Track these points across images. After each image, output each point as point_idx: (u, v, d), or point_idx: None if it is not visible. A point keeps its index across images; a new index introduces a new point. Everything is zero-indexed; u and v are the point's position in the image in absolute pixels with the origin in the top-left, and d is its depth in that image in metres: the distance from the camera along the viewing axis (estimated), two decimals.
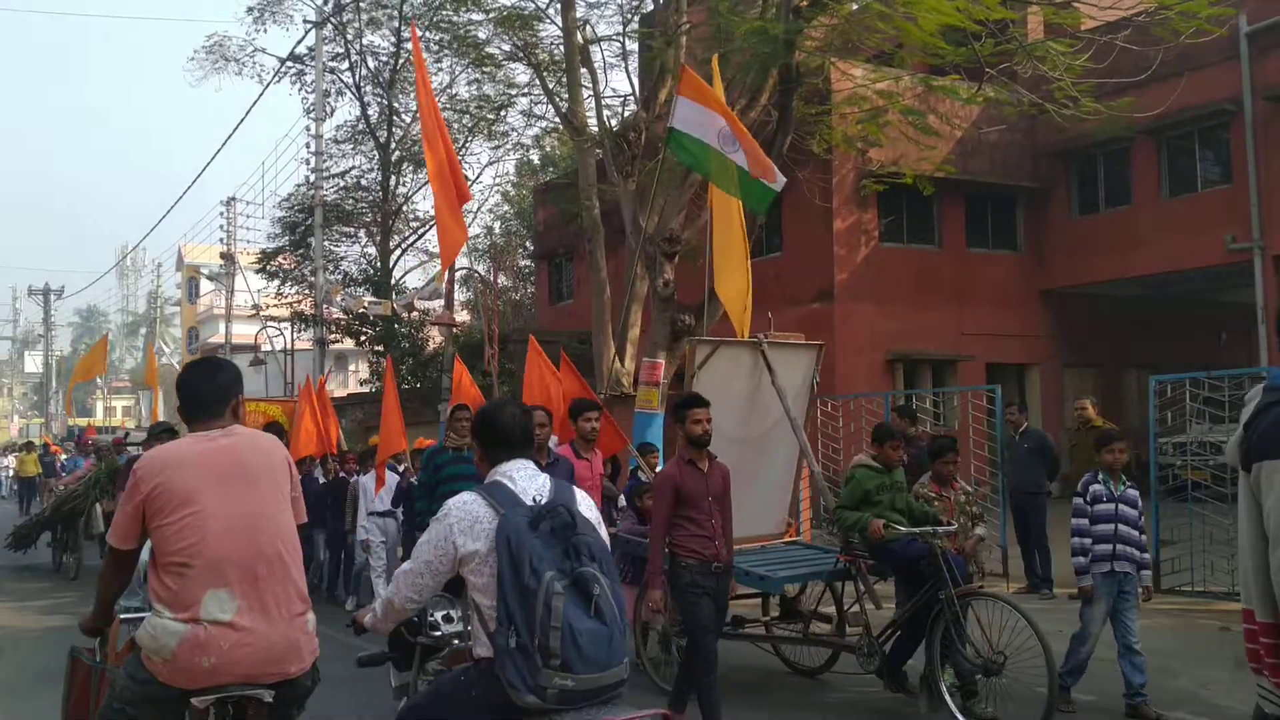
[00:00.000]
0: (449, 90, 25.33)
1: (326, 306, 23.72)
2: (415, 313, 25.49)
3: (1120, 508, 6.37)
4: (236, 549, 3.32)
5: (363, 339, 27.29)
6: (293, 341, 30.75)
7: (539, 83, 17.71)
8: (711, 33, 13.60)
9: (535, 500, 3.24)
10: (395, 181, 28.99)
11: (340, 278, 28.17)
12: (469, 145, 26.28)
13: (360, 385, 34.48)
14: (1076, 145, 19.00)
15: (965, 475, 8.53)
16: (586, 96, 15.91)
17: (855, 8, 13.52)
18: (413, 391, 22.01)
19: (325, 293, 23.73)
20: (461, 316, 26.69)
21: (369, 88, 27.99)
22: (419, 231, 30.75)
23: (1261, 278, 16.94)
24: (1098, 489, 6.43)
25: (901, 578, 6.69)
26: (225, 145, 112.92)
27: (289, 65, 26.66)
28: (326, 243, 26.60)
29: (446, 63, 23.61)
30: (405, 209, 30.03)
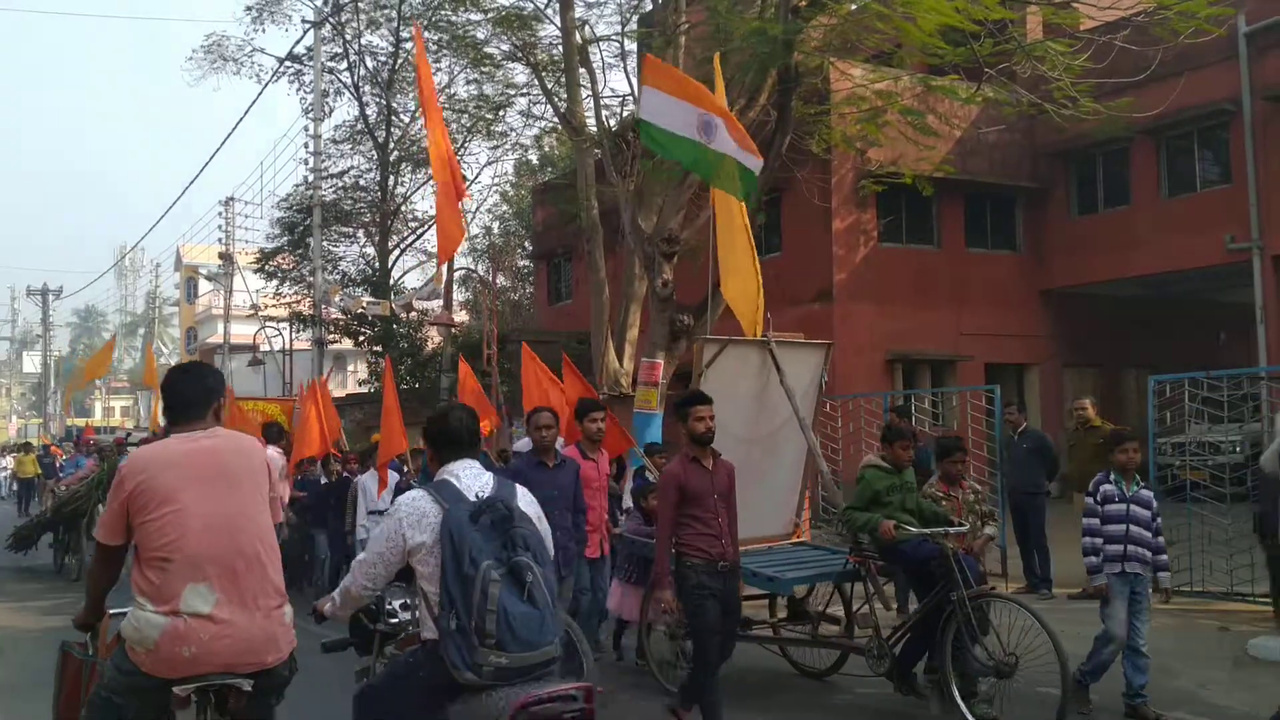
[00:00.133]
0: (448, 90, 25.35)
1: (325, 307, 23.70)
2: (414, 313, 25.47)
3: (1132, 508, 6.30)
4: (216, 546, 3.48)
5: (361, 339, 27.28)
6: (291, 342, 30.74)
7: (538, 83, 17.71)
8: (710, 33, 13.59)
9: (478, 496, 3.55)
10: (394, 182, 28.98)
11: (339, 278, 28.15)
12: (467, 145, 26.29)
13: (359, 385, 34.46)
14: (1075, 145, 19.00)
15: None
16: (585, 97, 15.91)
17: (854, 8, 13.52)
18: (411, 392, 22.00)
19: (324, 293, 23.71)
20: (460, 317, 26.67)
21: (367, 88, 28.01)
22: (418, 231, 30.76)
23: (1260, 278, 16.95)
24: (1108, 489, 6.37)
25: (912, 579, 6.64)
26: (224, 145, 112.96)
27: (287, 65, 26.67)
28: (325, 243, 26.58)
29: (445, 62, 23.64)
30: (404, 209, 30.03)
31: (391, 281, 28.94)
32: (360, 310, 24.31)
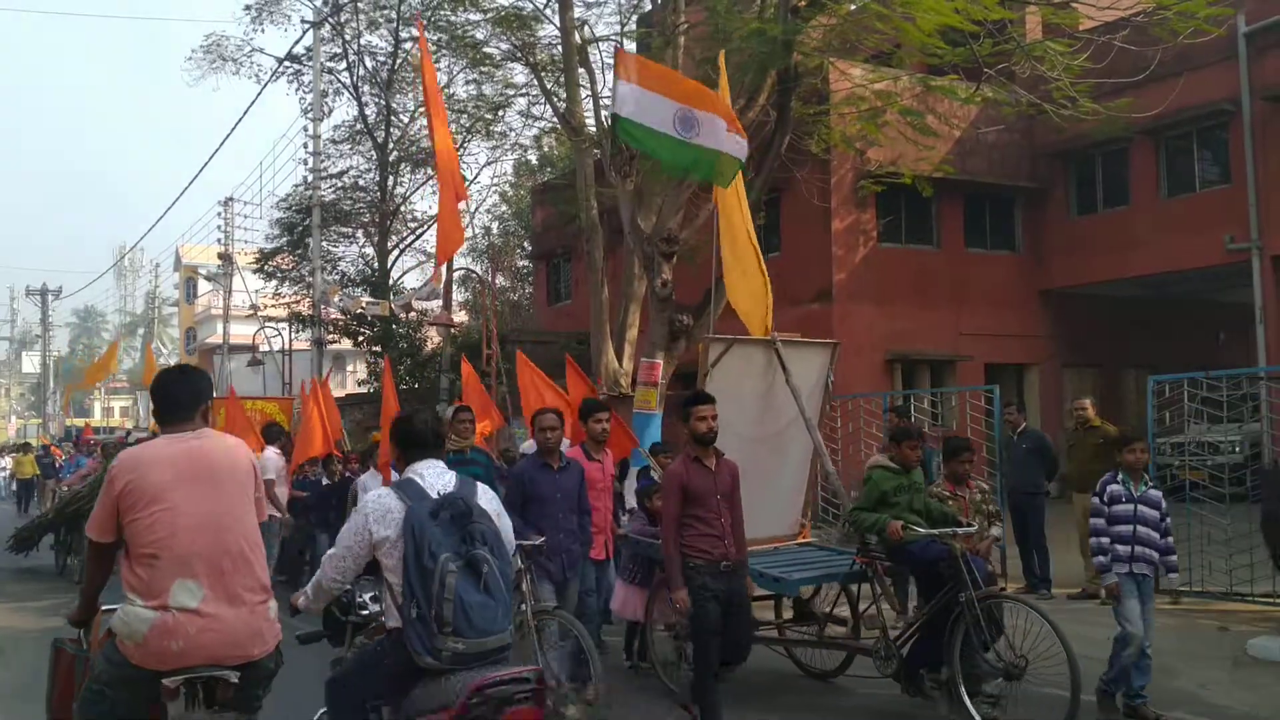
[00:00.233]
0: (447, 90, 25.33)
1: (324, 307, 23.68)
2: (413, 313, 25.45)
3: (1140, 509, 6.23)
4: (203, 543, 3.62)
5: (360, 339, 27.26)
6: (290, 342, 30.73)
7: (537, 83, 17.72)
8: (710, 33, 13.60)
9: (439, 494, 3.80)
10: (393, 182, 28.96)
11: (338, 278, 28.12)
12: (467, 145, 26.28)
13: (358, 386, 34.45)
14: (1075, 145, 19.01)
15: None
16: (585, 97, 15.92)
17: (853, 8, 13.53)
18: (410, 392, 21.98)
19: (323, 293, 23.69)
20: (460, 317, 26.65)
21: (367, 88, 27.98)
22: (417, 232, 30.75)
23: (1260, 278, 16.96)
24: (1115, 489, 6.30)
25: (921, 580, 6.56)
26: (223, 145, 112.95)
27: (286, 65, 26.64)
28: (324, 243, 26.56)
29: (444, 62, 23.63)
30: (403, 209, 30.02)
31: (391, 282, 28.92)
32: (359, 310, 24.27)
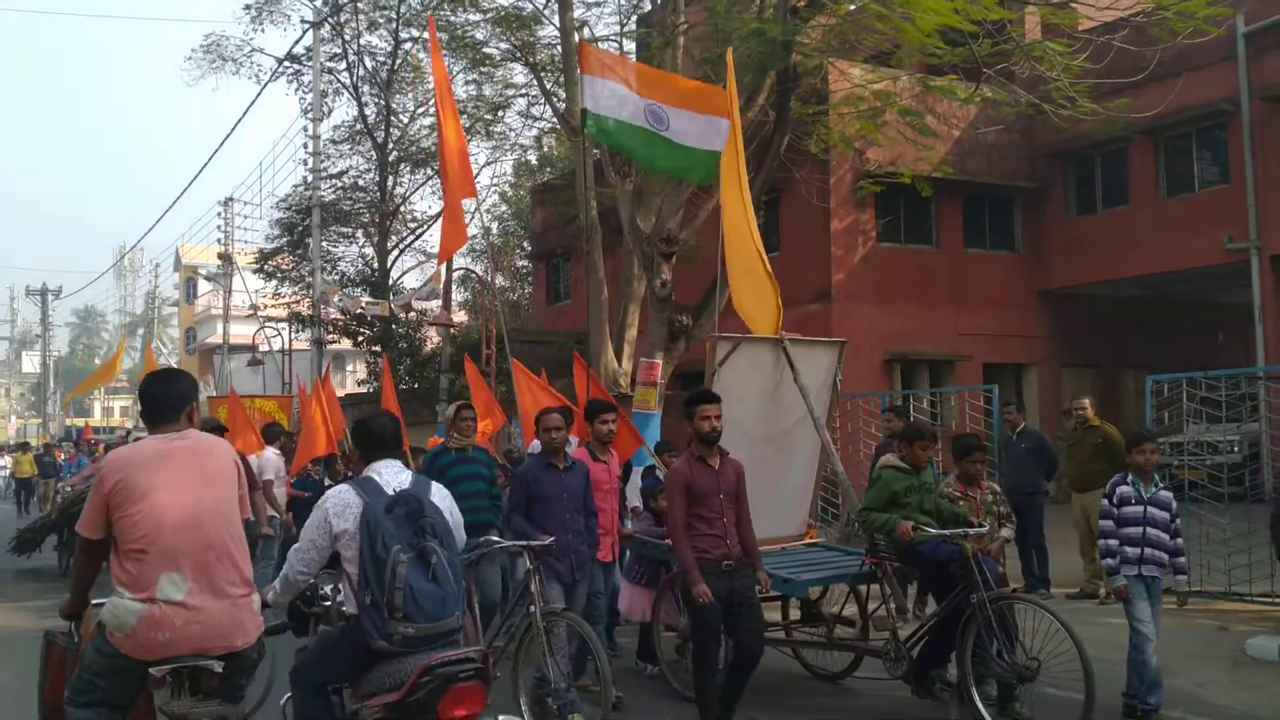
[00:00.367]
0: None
1: (324, 307, 23.67)
2: (412, 313, 25.45)
3: (1150, 510, 6.17)
4: (188, 539, 3.79)
5: (360, 339, 27.27)
6: (290, 342, 30.73)
7: (536, 83, 17.72)
8: (709, 33, 13.60)
9: (395, 490, 4.09)
10: (393, 182, 28.97)
11: (338, 278, 28.12)
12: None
13: (358, 386, 34.46)
14: (1074, 145, 19.01)
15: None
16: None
17: (853, 8, 13.53)
18: (410, 392, 21.97)
19: (322, 293, 23.68)
20: (459, 317, 26.65)
21: (366, 88, 27.99)
22: (416, 232, 30.75)
23: (1258, 278, 16.97)
24: (1125, 491, 6.23)
25: (931, 581, 6.50)
26: (223, 145, 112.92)
27: (286, 65, 26.65)
28: (324, 243, 26.57)
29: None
30: (403, 209, 30.02)
31: (390, 282, 28.92)
32: (359, 310, 24.27)
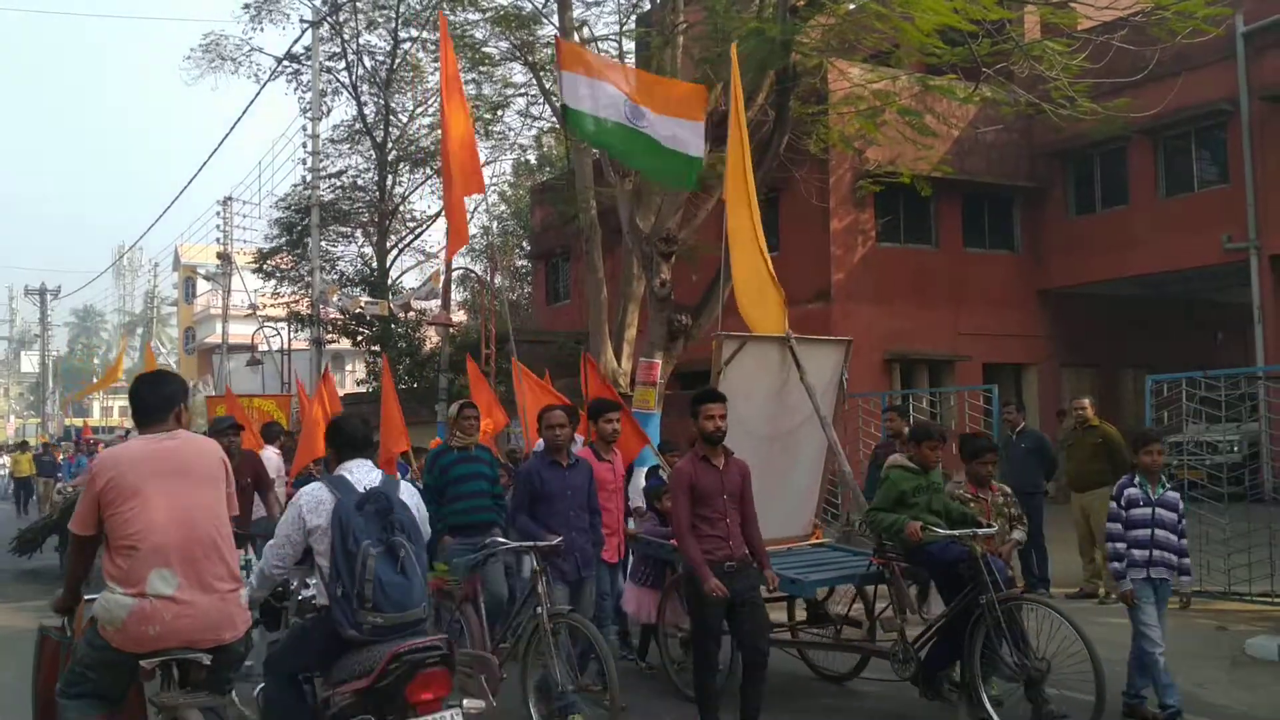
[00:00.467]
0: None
1: (323, 307, 23.65)
2: (411, 313, 25.44)
3: (1158, 511, 6.09)
4: (177, 535, 3.92)
5: (359, 339, 27.25)
6: (289, 341, 30.71)
7: (536, 83, 17.72)
8: (708, 32, 13.60)
9: (365, 489, 4.28)
10: (392, 181, 28.95)
11: (337, 278, 28.11)
12: None
13: (357, 385, 34.44)
14: (1073, 145, 19.01)
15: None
16: None
17: (852, 7, 13.53)
18: (410, 392, 21.95)
19: (321, 293, 23.66)
20: (458, 317, 26.64)
21: (365, 87, 27.98)
22: (415, 231, 30.73)
23: (1258, 277, 16.97)
24: (1133, 492, 6.13)
25: (940, 581, 6.44)
26: (222, 145, 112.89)
27: (285, 65, 26.63)
28: (323, 243, 26.55)
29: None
30: (402, 209, 30.00)
31: (389, 281, 28.91)
32: (358, 310, 24.26)
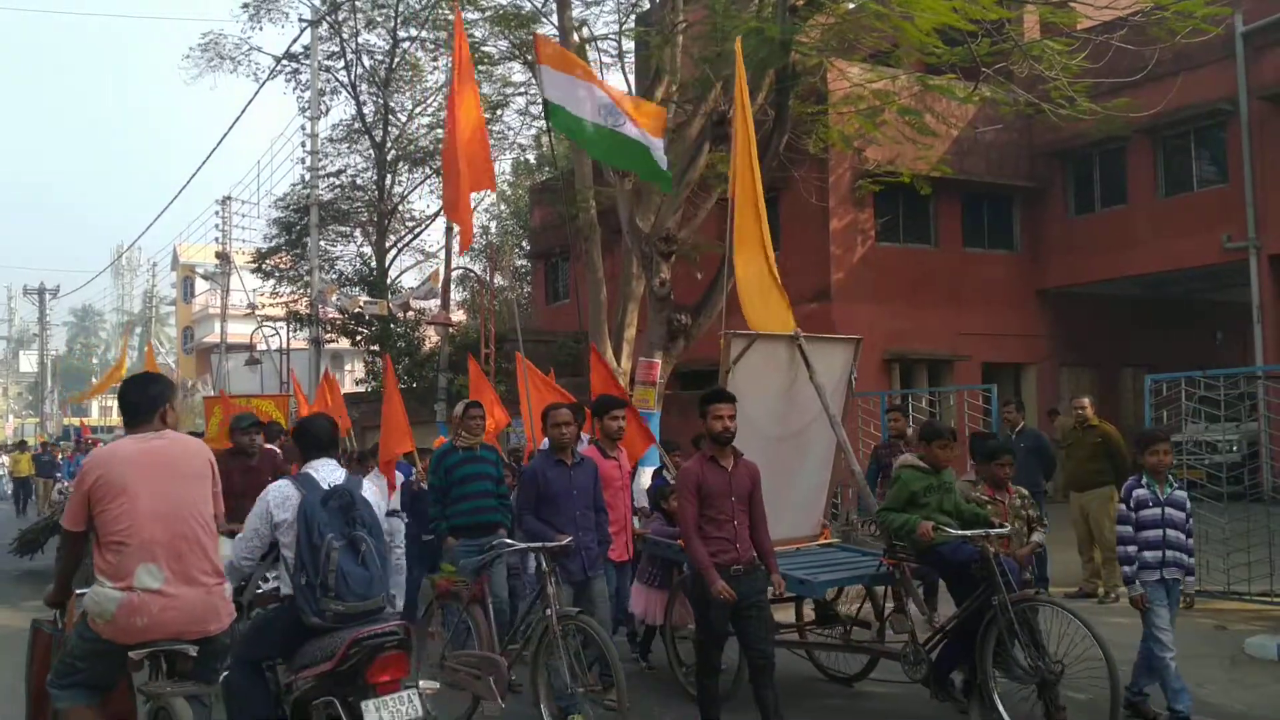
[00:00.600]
0: (445, 89, 25.26)
1: (321, 306, 23.62)
2: (411, 312, 25.42)
3: (1168, 511, 6.05)
4: (163, 531, 4.10)
5: (358, 339, 27.23)
6: (288, 341, 30.69)
7: (535, 82, 17.67)
8: (708, 31, 13.58)
9: (330, 486, 4.58)
10: (391, 181, 28.91)
11: (335, 277, 28.07)
12: None
13: (356, 385, 34.40)
14: (1073, 145, 19.02)
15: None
16: None
17: (851, 7, 13.51)
18: (409, 391, 21.94)
19: (320, 292, 23.63)
20: (457, 316, 26.62)
21: (364, 86, 27.94)
22: (415, 231, 30.71)
23: (1257, 277, 16.98)
24: (1142, 494, 6.08)
25: (952, 582, 6.39)
26: (220, 144, 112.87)
27: (284, 64, 26.60)
28: (322, 242, 26.52)
29: (443, 61, 23.54)
30: (401, 208, 29.97)
31: (388, 281, 28.88)
32: (357, 310, 24.22)
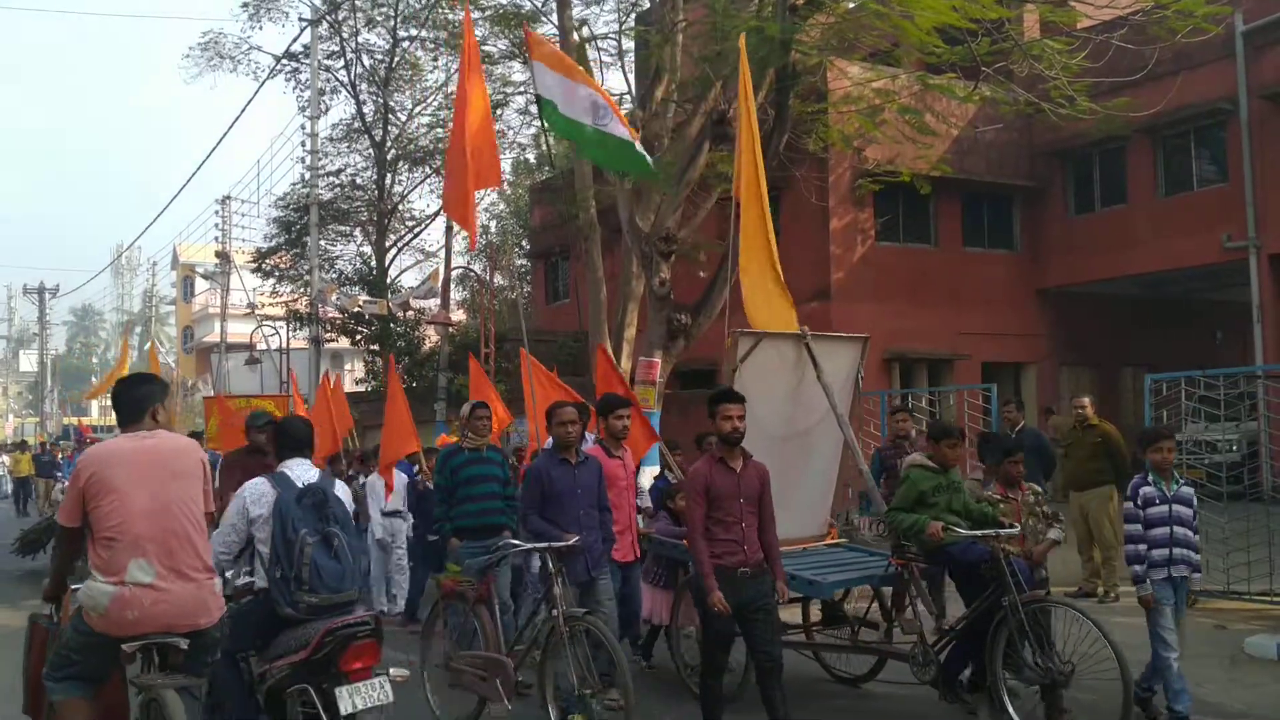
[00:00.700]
0: (444, 88, 25.33)
1: (321, 305, 23.61)
2: (410, 312, 25.41)
3: (1175, 508, 6.01)
4: (154, 527, 4.22)
5: (358, 338, 27.22)
6: (288, 340, 30.68)
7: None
8: (708, 30, 13.58)
9: (304, 484, 4.80)
10: (390, 180, 28.89)
11: (335, 277, 28.07)
12: None
13: (356, 384, 34.38)
14: (1072, 144, 19.00)
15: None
16: None
17: (851, 6, 13.51)
18: (408, 391, 21.91)
19: (320, 292, 23.63)
20: (457, 316, 26.61)
21: (364, 86, 27.93)
22: (414, 230, 30.70)
23: (1257, 276, 16.96)
24: (1149, 491, 6.03)
25: (961, 583, 6.35)
26: (220, 143, 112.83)
27: (284, 63, 26.58)
28: (322, 241, 26.51)
29: (443, 60, 23.55)
30: (401, 208, 29.96)
31: (388, 280, 28.86)
32: (357, 309, 24.21)
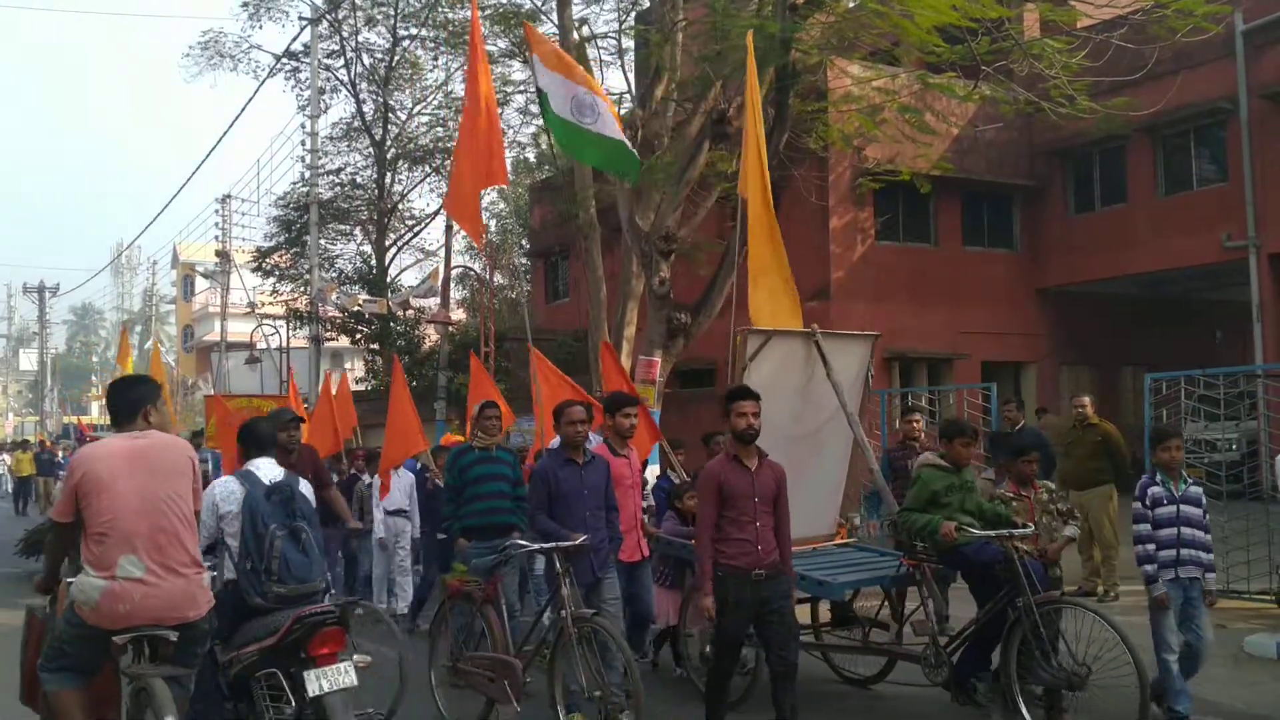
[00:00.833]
0: (445, 88, 25.34)
1: (321, 304, 23.60)
2: (410, 311, 25.41)
3: (1183, 508, 5.95)
4: (143, 523, 4.36)
5: (358, 337, 27.22)
6: (288, 339, 30.67)
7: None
8: (708, 29, 13.58)
9: (271, 481, 5.07)
10: (390, 179, 28.90)
11: (335, 275, 28.07)
12: None
13: (356, 384, 34.36)
14: (1072, 143, 19.00)
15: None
16: None
17: (851, 5, 13.51)
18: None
19: (320, 291, 23.62)
20: (457, 315, 26.60)
21: (364, 85, 27.93)
22: (414, 229, 30.71)
23: (1257, 276, 16.96)
24: (1156, 491, 5.98)
25: (974, 583, 6.28)
26: (220, 142, 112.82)
27: (284, 62, 26.59)
28: (322, 240, 26.51)
29: (443, 59, 23.55)
30: (401, 207, 29.97)
31: (388, 279, 28.86)
32: (357, 308, 24.21)
